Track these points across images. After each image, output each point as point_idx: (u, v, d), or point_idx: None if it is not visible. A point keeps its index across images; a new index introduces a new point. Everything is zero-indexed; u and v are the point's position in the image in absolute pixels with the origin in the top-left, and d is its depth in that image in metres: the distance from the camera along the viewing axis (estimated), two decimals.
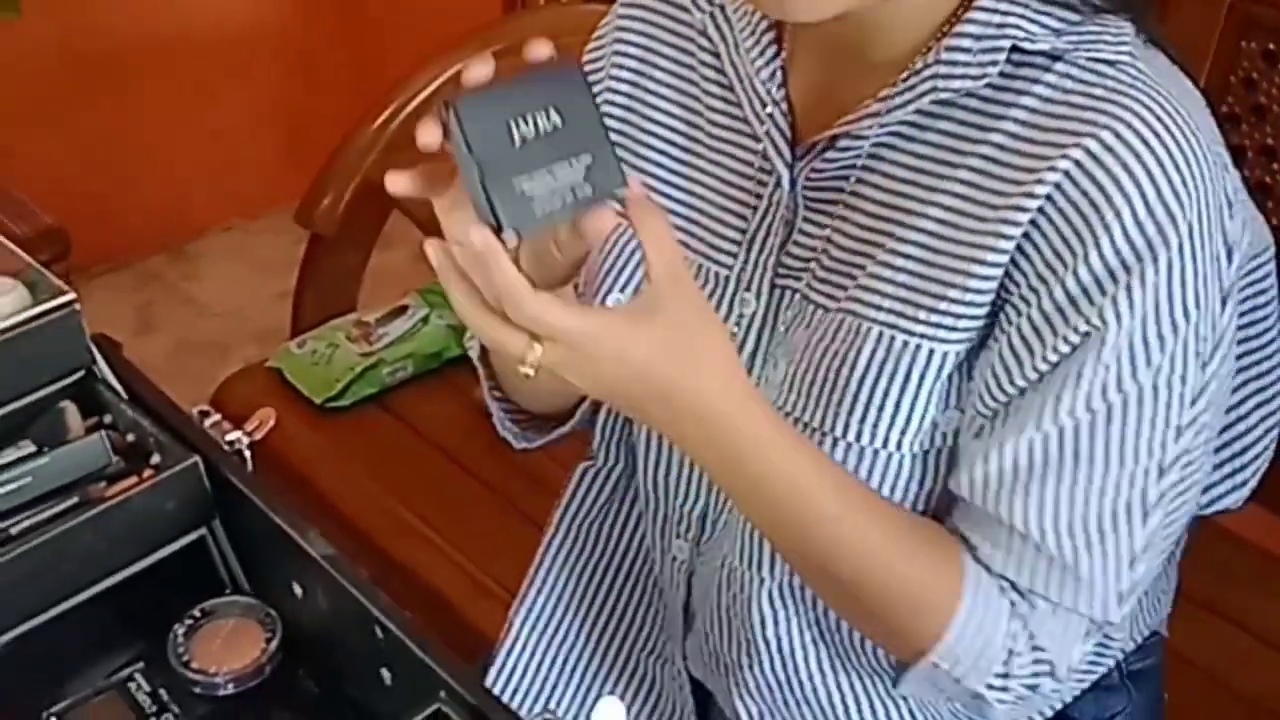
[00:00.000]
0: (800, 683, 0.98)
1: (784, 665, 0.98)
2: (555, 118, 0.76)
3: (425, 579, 1.53)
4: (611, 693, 1.11)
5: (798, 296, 0.93)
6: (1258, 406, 1.02)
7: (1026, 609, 0.88)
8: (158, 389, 0.98)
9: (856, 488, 0.88)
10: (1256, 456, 1.03)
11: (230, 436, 0.96)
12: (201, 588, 0.94)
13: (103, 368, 0.98)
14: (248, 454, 0.96)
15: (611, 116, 0.99)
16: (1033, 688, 0.89)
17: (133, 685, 0.90)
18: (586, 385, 0.81)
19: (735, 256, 0.95)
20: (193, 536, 0.92)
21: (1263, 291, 0.98)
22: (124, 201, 2.77)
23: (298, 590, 0.90)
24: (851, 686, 0.98)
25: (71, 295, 0.95)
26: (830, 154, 0.90)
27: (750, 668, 0.99)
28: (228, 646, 0.91)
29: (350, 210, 1.77)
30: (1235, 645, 1.40)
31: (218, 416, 0.96)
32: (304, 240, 2.66)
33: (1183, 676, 1.23)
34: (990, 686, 0.89)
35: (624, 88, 1.01)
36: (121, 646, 0.93)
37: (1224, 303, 0.87)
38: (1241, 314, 0.94)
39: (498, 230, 0.76)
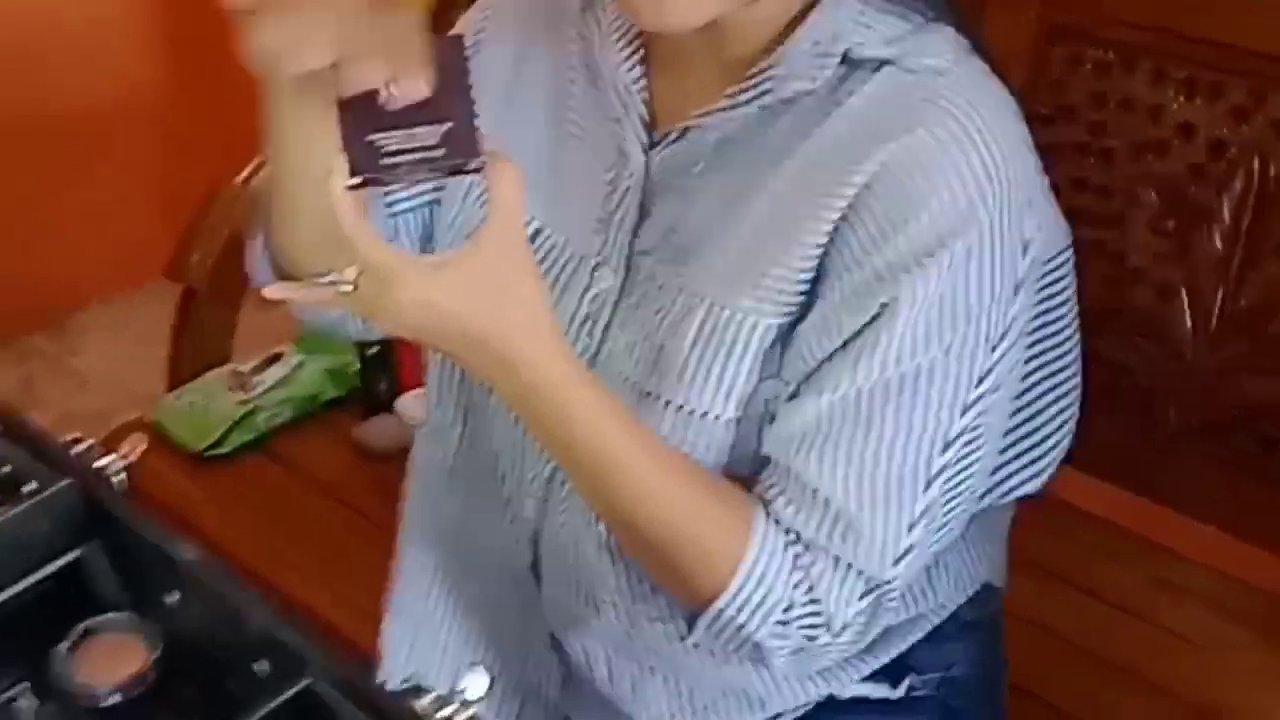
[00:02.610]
0: (639, 630, 1.04)
1: (626, 613, 1.04)
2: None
3: (318, 614, 1.57)
4: (484, 659, 1.17)
5: (645, 275, 1.01)
6: (1053, 401, 1.10)
7: (808, 561, 0.94)
8: (28, 422, 1.02)
9: (652, 435, 0.95)
10: (1052, 447, 1.11)
11: (102, 462, 1.00)
12: (84, 609, 0.98)
13: None
14: (121, 477, 1.00)
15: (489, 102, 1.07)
16: (810, 639, 0.96)
17: (17, 706, 0.93)
18: (390, 325, 0.86)
19: (596, 235, 1.03)
20: (70, 557, 0.96)
21: (1059, 292, 1.07)
22: (1, 279, 2.78)
23: (174, 599, 0.94)
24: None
25: None
26: (681, 144, 0.99)
27: (595, 618, 1.05)
28: (111, 661, 0.95)
29: (220, 263, 1.80)
30: (1083, 609, 1.48)
31: (90, 442, 1.00)
32: None
33: (1032, 639, 1.31)
34: (771, 635, 0.95)
35: (503, 73, 1.08)
36: (5, 670, 0.96)
37: (1016, 292, 0.95)
38: (1037, 313, 1.03)
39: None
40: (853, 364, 0.92)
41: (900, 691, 1.12)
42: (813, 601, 0.95)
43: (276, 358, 1.83)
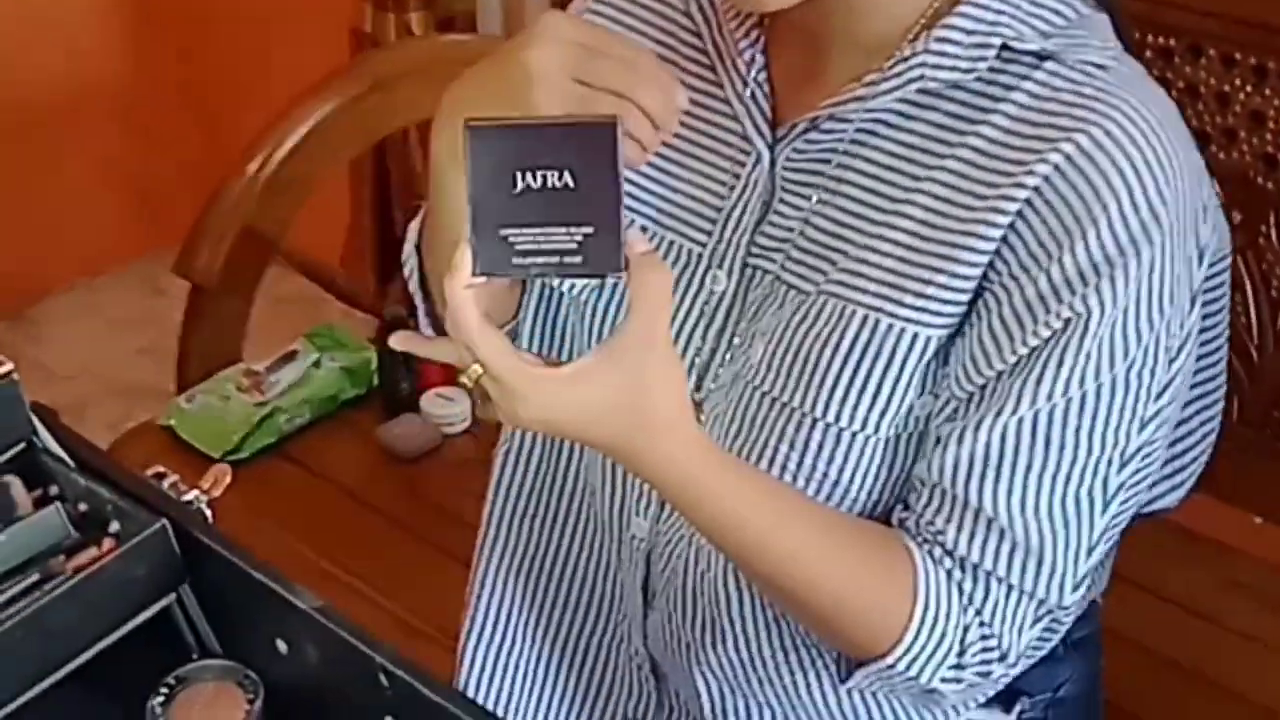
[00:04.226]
0: (763, 661, 0.99)
1: (747, 644, 0.99)
2: (567, 178, 0.73)
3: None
4: (568, 685, 1.11)
5: (769, 277, 0.94)
6: (1199, 411, 1.06)
7: (981, 596, 0.90)
8: (106, 454, 0.95)
9: (801, 500, 0.91)
10: (1195, 459, 1.07)
11: (188, 496, 0.93)
12: (168, 653, 0.91)
13: (45, 437, 0.94)
14: (208, 512, 0.93)
15: None
16: (985, 674, 0.92)
17: None
18: (510, 422, 0.82)
19: (710, 234, 0.97)
20: (165, 601, 0.89)
21: (1218, 299, 1.02)
22: None
23: (282, 647, 0.88)
24: (814, 663, 0.99)
25: (9, 365, 0.92)
26: (813, 135, 0.92)
27: (713, 646, 0.99)
28: (208, 712, 0.89)
29: (230, 259, 1.72)
30: (1153, 612, 1.45)
31: (175, 477, 0.93)
32: (152, 294, 2.57)
33: (1118, 650, 1.27)
34: (944, 680, 0.91)
35: None
36: None
37: (1193, 302, 0.91)
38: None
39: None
40: (1035, 383, 0.86)
41: (1012, 717, 1.07)
42: (985, 636, 0.90)
43: (290, 355, 1.75)
